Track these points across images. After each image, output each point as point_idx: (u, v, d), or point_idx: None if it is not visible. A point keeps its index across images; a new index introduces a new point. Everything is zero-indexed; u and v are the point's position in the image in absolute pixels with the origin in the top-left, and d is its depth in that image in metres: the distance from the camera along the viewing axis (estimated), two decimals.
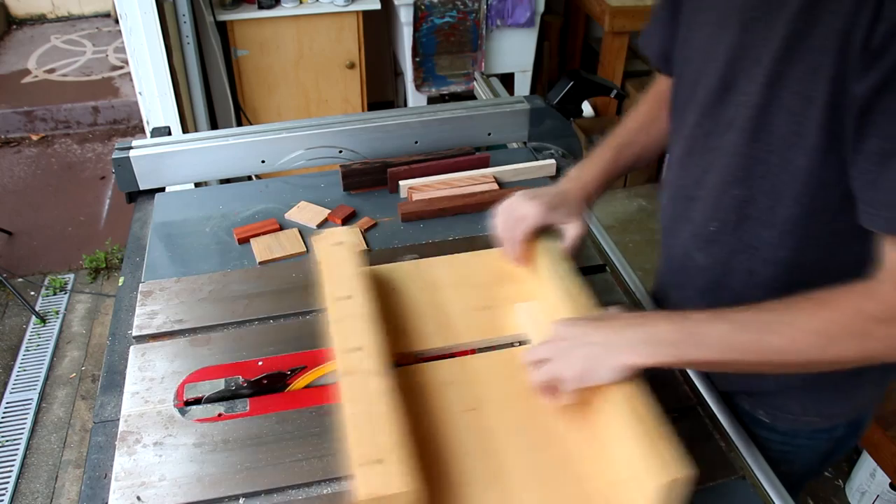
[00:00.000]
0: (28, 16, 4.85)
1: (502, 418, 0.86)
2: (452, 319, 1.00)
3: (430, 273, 1.08)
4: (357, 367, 0.83)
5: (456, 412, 0.87)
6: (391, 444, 0.74)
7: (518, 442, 0.84)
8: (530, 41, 3.17)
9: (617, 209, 3.28)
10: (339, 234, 1.05)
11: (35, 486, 2.15)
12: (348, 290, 0.94)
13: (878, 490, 1.95)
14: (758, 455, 0.89)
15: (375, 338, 0.87)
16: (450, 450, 0.82)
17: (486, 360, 0.95)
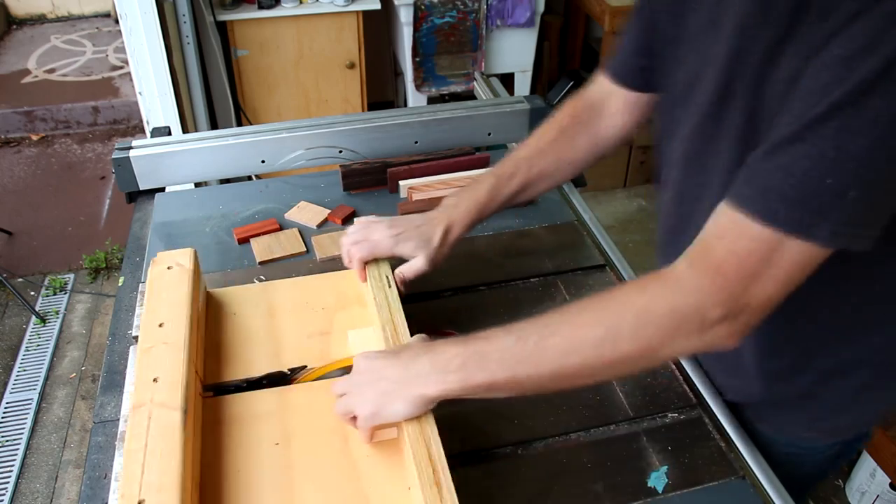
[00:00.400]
0: (28, 16, 4.85)
1: (309, 453, 0.83)
2: (284, 346, 0.97)
3: (274, 296, 1.05)
4: (147, 400, 0.79)
5: (262, 445, 0.83)
6: (160, 484, 0.71)
7: (317, 478, 0.80)
8: (530, 41, 3.17)
9: (617, 209, 3.28)
10: (173, 257, 1.00)
11: (35, 486, 2.15)
12: (163, 318, 0.90)
13: (878, 490, 1.95)
14: (758, 455, 0.89)
15: (177, 368, 0.83)
16: (245, 485, 0.79)
17: (306, 391, 0.91)
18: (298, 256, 1.20)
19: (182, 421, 0.77)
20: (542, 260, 1.20)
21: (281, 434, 0.85)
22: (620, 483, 0.86)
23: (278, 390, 0.91)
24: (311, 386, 0.92)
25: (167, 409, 0.78)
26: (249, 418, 0.87)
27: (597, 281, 1.16)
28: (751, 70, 0.74)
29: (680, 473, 0.86)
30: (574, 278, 1.16)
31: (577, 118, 1.06)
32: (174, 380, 0.82)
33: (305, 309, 1.03)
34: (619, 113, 1.03)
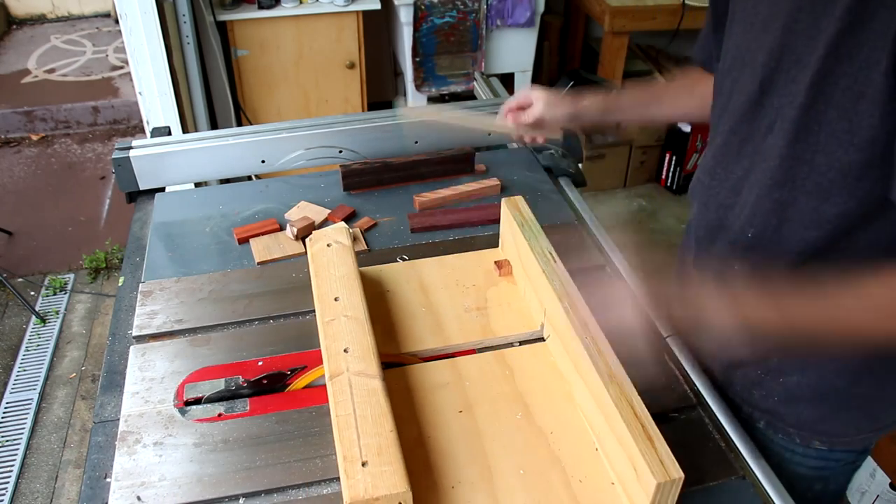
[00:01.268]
0: (28, 16, 4.85)
1: (492, 420, 0.86)
2: (445, 321, 1.01)
3: (422, 274, 1.09)
4: (345, 369, 0.83)
5: (446, 414, 0.87)
6: (378, 447, 0.74)
7: (507, 444, 0.84)
8: (530, 41, 3.17)
9: (617, 209, 3.28)
10: (330, 234, 1.05)
11: (35, 486, 2.15)
12: (337, 292, 0.94)
13: (878, 490, 1.94)
14: (758, 455, 0.89)
15: (364, 339, 0.87)
16: (438, 451, 0.83)
17: (477, 362, 0.95)
18: (298, 257, 1.20)
19: (383, 388, 0.81)
20: None
21: (462, 403, 0.88)
22: None
23: (450, 362, 0.95)
24: (480, 357, 0.96)
25: (365, 377, 0.82)
26: (428, 388, 0.90)
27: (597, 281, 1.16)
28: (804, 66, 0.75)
29: None
30: (574, 278, 1.16)
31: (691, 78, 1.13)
32: (364, 350, 0.85)
33: (456, 286, 1.06)
34: None
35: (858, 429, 0.96)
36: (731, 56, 0.87)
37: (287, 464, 0.85)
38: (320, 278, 0.98)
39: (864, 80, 0.70)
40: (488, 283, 1.07)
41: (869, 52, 0.69)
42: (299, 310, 1.07)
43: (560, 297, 0.91)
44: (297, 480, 0.83)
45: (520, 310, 1.03)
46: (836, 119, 0.74)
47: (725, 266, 0.95)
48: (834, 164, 0.76)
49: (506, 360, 0.95)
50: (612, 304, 0.92)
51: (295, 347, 1.00)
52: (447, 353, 0.97)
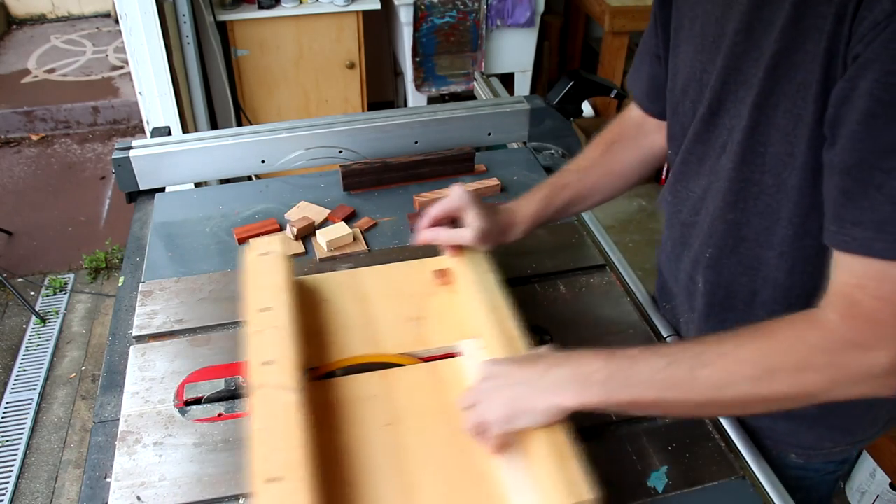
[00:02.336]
0: (28, 16, 4.86)
1: (419, 434, 0.84)
2: (380, 331, 0.98)
3: (363, 283, 1.06)
4: (267, 381, 0.81)
5: (373, 427, 0.85)
6: (294, 461, 0.72)
7: (432, 459, 0.81)
8: (530, 41, 3.17)
9: (617, 209, 3.28)
10: (267, 243, 1.02)
11: (35, 486, 2.15)
12: (268, 302, 0.92)
13: (878, 490, 1.95)
14: (758, 455, 0.89)
15: (290, 351, 0.85)
16: (359, 466, 0.80)
17: (408, 374, 0.92)
18: (298, 257, 1.20)
19: (300, 401, 0.79)
20: (542, 260, 1.20)
21: (389, 416, 0.86)
22: (620, 483, 0.86)
23: (381, 374, 0.92)
24: (412, 369, 0.94)
25: (284, 390, 0.80)
26: (355, 401, 0.88)
27: (597, 281, 1.16)
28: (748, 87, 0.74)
29: (680, 473, 0.86)
30: (574, 278, 1.16)
31: (623, 133, 1.08)
32: (286, 362, 0.83)
33: (396, 295, 1.04)
34: (657, 131, 1.04)
35: (834, 441, 0.95)
36: (683, 76, 0.87)
37: None
38: (250, 288, 0.95)
39: (801, 103, 0.69)
40: (429, 292, 1.04)
41: (803, 75, 0.68)
42: None
43: (489, 311, 0.90)
44: None
45: (458, 320, 0.99)
46: (779, 141, 0.74)
47: (691, 284, 0.95)
48: (781, 186, 0.76)
49: (437, 373, 0.92)
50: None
51: None
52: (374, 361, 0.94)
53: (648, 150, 1.06)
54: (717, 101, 0.80)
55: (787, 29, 0.69)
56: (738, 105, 0.77)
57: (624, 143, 1.07)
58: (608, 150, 1.07)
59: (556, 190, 1.04)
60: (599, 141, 1.09)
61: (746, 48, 0.74)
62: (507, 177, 1.39)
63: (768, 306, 0.86)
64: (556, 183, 1.05)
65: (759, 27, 0.72)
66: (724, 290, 0.90)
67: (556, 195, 1.04)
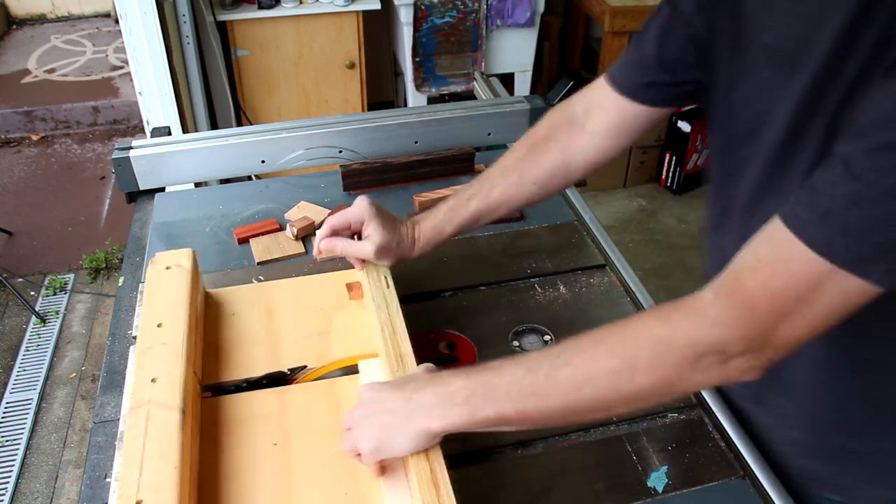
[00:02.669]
0: (28, 16, 4.85)
1: (306, 454, 0.82)
2: (283, 346, 0.96)
3: (272, 297, 1.04)
4: (145, 400, 0.79)
5: (260, 446, 0.83)
6: (158, 483, 0.71)
7: (316, 480, 0.80)
8: (530, 41, 3.17)
9: (617, 209, 3.28)
10: (171, 257, 1.00)
11: (35, 486, 2.15)
12: (161, 318, 0.89)
13: None
14: (758, 455, 0.89)
15: (175, 368, 0.83)
16: (240, 487, 0.79)
17: (305, 391, 0.91)
18: (297, 257, 1.20)
19: (180, 421, 0.77)
20: (542, 260, 1.20)
21: (279, 434, 0.85)
22: (620, 483, 0.86)
23: (277, 391, 0.91)
24: (309, 386, 0.92)
25: (165, 408, 0.78)
26: (248, 419, 0.87)
27: (597, 281, 1.16)
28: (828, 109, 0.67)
29: (680, 473, 0.86)
30: (574, 278, 1.16)
31: (550, 135, 0.99)
32: (172, 380, 0.81)
33: (304, 309, 1.02)
34: (601, 134, 0.95)
35: (870, 483, 0.87)
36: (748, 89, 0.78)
37: None
38: (148, 304, 0.92)
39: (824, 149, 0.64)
40: (337, 305, 1.02)
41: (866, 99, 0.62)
42: None
43: (382, 326, 0.89)
44: None
45: (363, 335, 0.97)
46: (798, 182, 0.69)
47: None
48: None
49: (335, 391, 0.91)
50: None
51: None
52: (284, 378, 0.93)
53: (573, 156, 0.98)
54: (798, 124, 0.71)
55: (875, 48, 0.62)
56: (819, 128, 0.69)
57: (548, 145, 0.98)
58: (528, 154, 0.99)
59: (462, 202, 0.98)
60: (520, 144, 1.01)
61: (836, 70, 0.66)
62: None
63: None
64: (462, 194, 0.98)
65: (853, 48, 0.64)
66: None
67: (460, 208, 0.97)
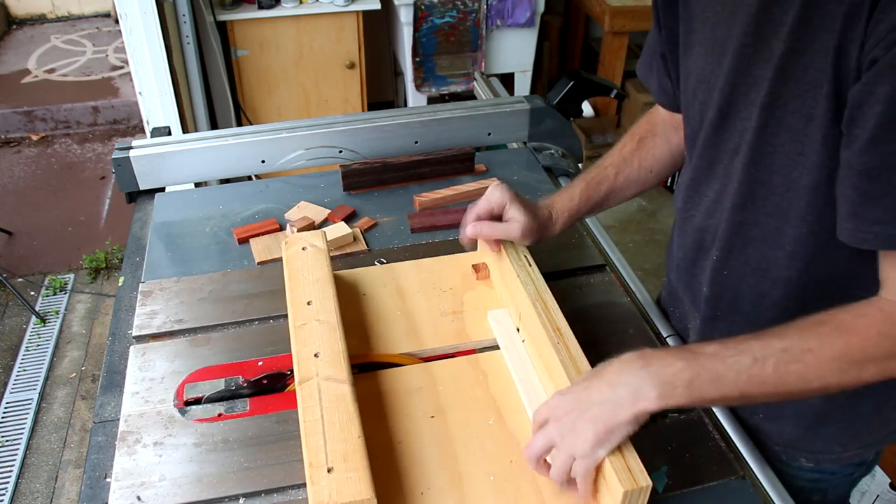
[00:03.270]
0: (28, 16, 4.85)
1: (464, 425, 0.86)
2: (420, 325, 1.00)
3: (399, 278, 1.08)
4: (314, 374, 0.82)
5: (418, 419, 0.86)
6: (345, 452, 0.74)
7: (478, 449, 0.83)
8: (530, 41, 3.17)
9: (617, 209, 3.28)
10: (306, 238, 1.04)
11: (35, 486, 2.15)
12: (310, 296, 0.94)
13: (878, 490, 1.94)
14: (758, 455, 0.89)
15: (335, 344, 0.86)
16: (408, 457, 0.82)
17: (451, 366, 0.94)
18: None
19: (352, 393, 0.80)
20: (542, 260, 1.19)
21: (434, 407, 0.88)
22: None
23: (424, 366, 0.94)
24: (454, 362, 0.95)
25: (335, 382, 0.81)
26: (400, 393, 0.90)
27: (597, 281, 1.16)
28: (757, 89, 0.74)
29: (680, 473, 0.86)
30: (574, 278, 1.16)
31: (652, 130, 1.08)
32: (335, 355, 0.85)
33: (433, 289, 1.06)
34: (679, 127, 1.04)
35: (842, 445, 0.95)
36: (693, 79, 0.87)
37: (287, 464, 0.85)
38: (293, 282, 0.97)
39: (811, 103, 0.70)
40: (465, 286, 1.06)
41: (813, 75, 0.69)
42: None
43: (533, 301, 0.90)
44: (297, 480, 0.83)
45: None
46: (789, 141, 0.74)
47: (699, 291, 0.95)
48: (790, 186, 0.77)
49: (480, 365, 0.94)
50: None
51: None
52: (425, 357, 0.96)
53: (676, 144, 1.07)
54: (728, 105, 0.80)
55: (796, 29, 0.69)
56: (749, 107, 0.77)
57: (653, 139, 1.08)
58: (640, 146, 1.08)
59: (593, 185, 1.05)
60: (630, 136, 1.10)
61: (756, 49, 0.74)
62: (507, 177, 1.39)
63: (780, 305, 0.86)
64: (593, 178, 1.06)
65: (768, 28, 0.72)
66: (731, 291, 0.90)
67: (594, 191, 1.05)
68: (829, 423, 0.93)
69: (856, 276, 0.79)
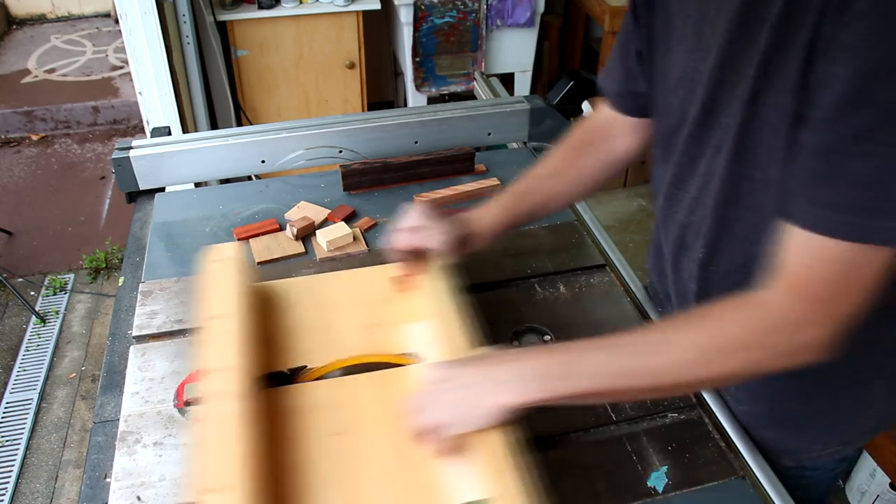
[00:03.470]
0: (28, 16, 4.86)
1: (369, 443, 0.83)
2: (339, 337, 0.97)
3: (325, 289, 1.05)
4: (216, 390, 0.80)
5: (322, 436, 0.84)
6: (236, 472, 0.71)
7: (382, 467, 0.81)
8: (530, 41, 3.17)
9: (617, 209, 3.28)
10: (225, 249, 1.01)
11: (35, 486, 2.15)
12: (223, 309, 0.91)
13: (878, 490, 1.95)
14: (758, 455, 0.89)
15: (242, 358, 0.84)
16: (309, 476, 0.79)
17: (362, 382, 0.92)
18: (298, 257, 1.20)
19: (244, 410, 0.78)
20: (542, 260, 1.20)
21: (339, 425, 0.85)
22: (620, 483, 0.86)
23: (334, 381, 0.92)
24: (363, 378, 0.93)
25: (227, 398, 0.79)
26: (307, 409, 0.87)
27: (597, 281, 1.16)
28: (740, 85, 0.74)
29: (680, 473, 0.86)
30: (574, 278, 1.16)
31: (586, 138, 1.06)
32: (235, 370, 0.82)
33: (358, 301, 1.03)
34: (625, 134, 1.04)
35: (824, 444, 0.95)
36: (675, 77, 0.86)
37: None
38: (207, 294, 0.94)
39: (784, 96, 0.70)
40: (387, 298, 1.04)
41: (791, 70, 0.68)
42: None
43: (436, 316, 0.90)
44: None
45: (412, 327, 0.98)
46: (768, 136, 0.74)
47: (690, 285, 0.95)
48: (769, 181, 0.76)
49: (391, 381, 0.92)
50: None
51: None
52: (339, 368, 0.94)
53: (613, 154, 1.05)
54: (711, 101, 0.80)
55: (778, 24, 0.69)
56: (733, 103, 0.77)
57: (587, 148, 1.06)
58: (571, 155, 1.06)
59: (518, 197, 1.03)
60: (563, 146, 1.07)
61: (741, 46, 0.74)
62: (507, 177, 1.39)
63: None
64: (518, 190, 1.03)
65: (753, 24, 0.72)
66: (718, 288, 0.90)
67: (519, 203, 1.02)
68: (808, 427, 0.93)
69: None
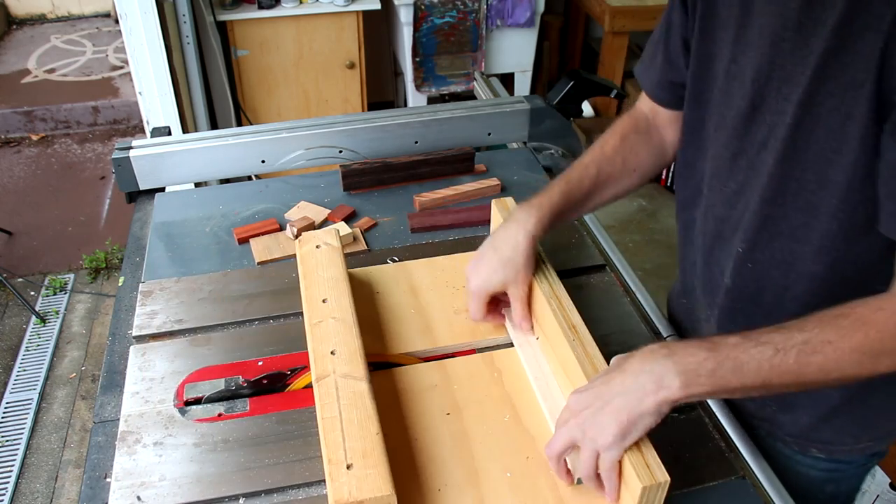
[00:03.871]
0: (28, 16, 4.85)
1: (480, 422, 0.86)
2: (434, 323, 1.01)
3: (412, 276, 1.09)
4: (331, 371, 0.83)
5: (434, 416, 0.87)
6: (363, 450, 0.74)
7: (495, 446, 0.83)
8: (530, 41, 3.17)
9: (617, 209, 3.28)
10: (320, 235, 1.05)
11: (35, 486, 2.15)
12: (325, 294, 0.94)
13: (878, 490, 1.94)
14: (758, 455, 0.89)
15: (351, 341, 0.87)
16: (425, 454, 0.82)
17: (466, 364, 0.95)
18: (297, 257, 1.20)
19: (370, 390, 0.80)
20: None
21: (450, 405, 0.88)
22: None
23: (439, 364, 0.95)
24: (469, 360, 0.96)
25: (352, 379, 0.82)
26: (416, 391, 0.90)
27: (597, 281, 1.16)
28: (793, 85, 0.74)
29: (680, 473, 0.86)
30: (574, 278, 1.16)
31: (635, 127, 1.05)
32: (352, 352, 0.85)
33: (445, 287, 1.06)
34: (668, 125, 1.03)
35: (854, 437, 0.96)
36: (718, 66, 0.86)
37: (287, 464, 0.85)
38: (308, 280, 0.98)
39: (851, 102, 0.70)
40: None
41: (854, 74, 0.69)
42: (299, 310, 1.07)
43: (548, 299, 0.91)
44: (297, 480, 0.83)
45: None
46: (824, 139, 0.74)
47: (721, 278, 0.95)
48: (824, 183, 0.77)
49: (494, 363, 0.95)
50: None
51: (295, 347, 1.00)
52: (439, 354, 0.97)
53: (660, 145, 1.05)
54: (760, 97, 0.80)
55: (839, 28, 0.69)
56: (782, 102, 0.77)
57: (636, 136, 1.04)
58: (622, 143, 1.03)
59: (574, 185, 1.00)
60: (612, 133, 1.04)
61: (794, 45, 0.74)
62: (507, 177, 1.39)
63: (801, 299, 0.86)
64: (572, 178, 1.00)
65: (809, 25, 0.72)
66: (754, 284, 0.90)
67: (575, 190, 0.99)
68: (842, 415, 0.94)
69: (876, 271, 0.79)
